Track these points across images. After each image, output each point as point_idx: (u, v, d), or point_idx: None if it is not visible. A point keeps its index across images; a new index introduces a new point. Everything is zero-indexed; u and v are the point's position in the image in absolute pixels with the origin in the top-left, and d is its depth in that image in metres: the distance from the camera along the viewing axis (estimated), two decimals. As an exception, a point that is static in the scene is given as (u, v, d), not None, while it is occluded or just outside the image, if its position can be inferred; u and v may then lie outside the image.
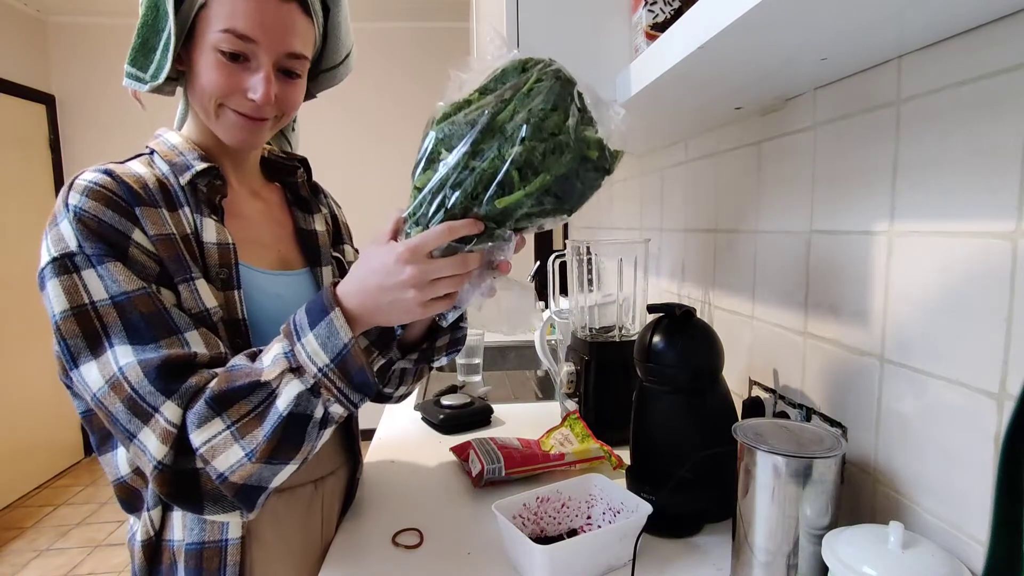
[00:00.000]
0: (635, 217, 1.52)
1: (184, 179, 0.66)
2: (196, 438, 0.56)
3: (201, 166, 0.66)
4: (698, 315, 0.84)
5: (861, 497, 0.67)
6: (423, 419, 1.22)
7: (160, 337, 0.57)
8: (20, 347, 3.08)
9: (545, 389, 1.52)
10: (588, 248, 1.15)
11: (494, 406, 1.26)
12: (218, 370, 0.58)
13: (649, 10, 0.70)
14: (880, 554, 0.49)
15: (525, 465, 0.91)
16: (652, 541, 0.74)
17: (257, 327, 0.68)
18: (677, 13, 0.69)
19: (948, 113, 0.54)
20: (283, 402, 0.56)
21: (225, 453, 0.56)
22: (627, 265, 1.12)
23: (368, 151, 3.29)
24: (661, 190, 1.31)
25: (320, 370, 0.56)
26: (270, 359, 0.57)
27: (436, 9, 3.06)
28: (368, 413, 1.37)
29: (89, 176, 0.60)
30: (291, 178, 0.82)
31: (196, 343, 0.59)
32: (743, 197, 0.93)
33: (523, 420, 1.23)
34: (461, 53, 3.23)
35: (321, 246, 0.81)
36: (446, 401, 1.22)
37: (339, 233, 0.89)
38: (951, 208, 0.54)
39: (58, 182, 3.26)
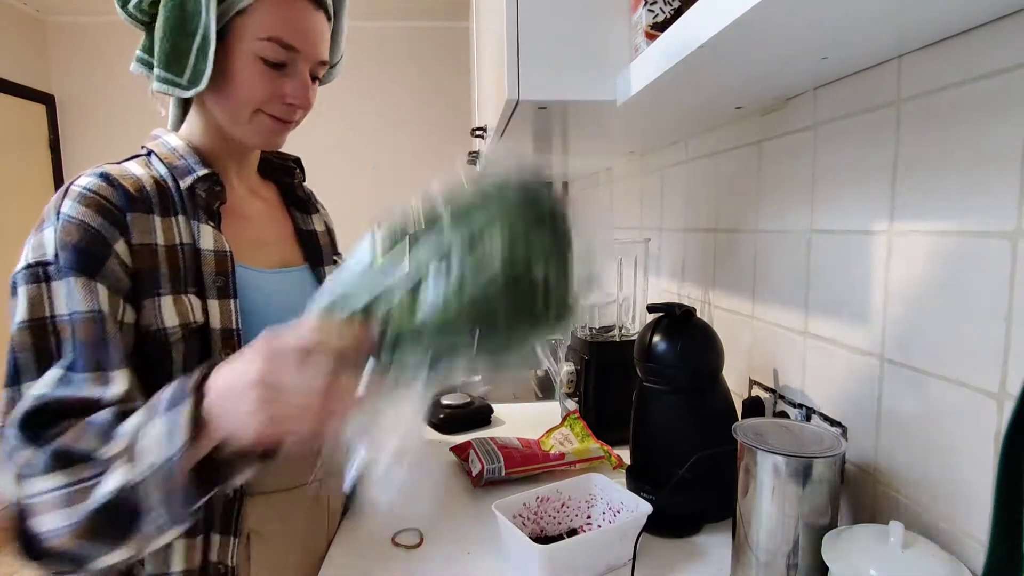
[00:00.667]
0: (635, 217, 1.52)
1: (185, 183, 0.65)
2: (27, 486, 0.50)
3: (202, 171, 0.66)
4: (698, 315, 0.84)
5: (861, 497, 0.67)
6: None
7: (87, 368, 0.54)
8: (20, 347, 3.08)
9: (545, 389, 1.52)
10: (588, 248, 1.15)
11: (494, 406, 1.26)
12: (75, 429, 0.51)
13: (649, 10, 0.70)
14: (880, 554, 0.49)
15: (525, 465, 0.91)
16: (652, 541, 0.74)
17: (255, 329, 0.66)
18: (677, 13, 0.69)
19: (948, 113, 0.54)
20: (105, 489, 0.48)
21: (45, 516, 0.49)
22: (627, 265, 1.12)
23: (367, 152, 3.29)
24: (661, 190, 1.31)
25: (150, 466, 0.48)
26: (124, 429, 0.51)
27: (436, 9, 3.06)
28: (368, 413, 1.37)
29: (84, 181, 0.59)
30: (288, 178, 0.82)
31: (117, 383, 0.55)
32: (743, 197, 0.93)
33: (523, 420, 1.23)
34: (461, 53, 3.23)
35: (322, 246, 0.81)
36: (446, 401, 1.22)
37: (333, 242, 0.88)
38: (951, 208, 0.54)
39: (58, 182, 3.26)
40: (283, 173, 0.82)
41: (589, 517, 0.78)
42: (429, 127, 3.29)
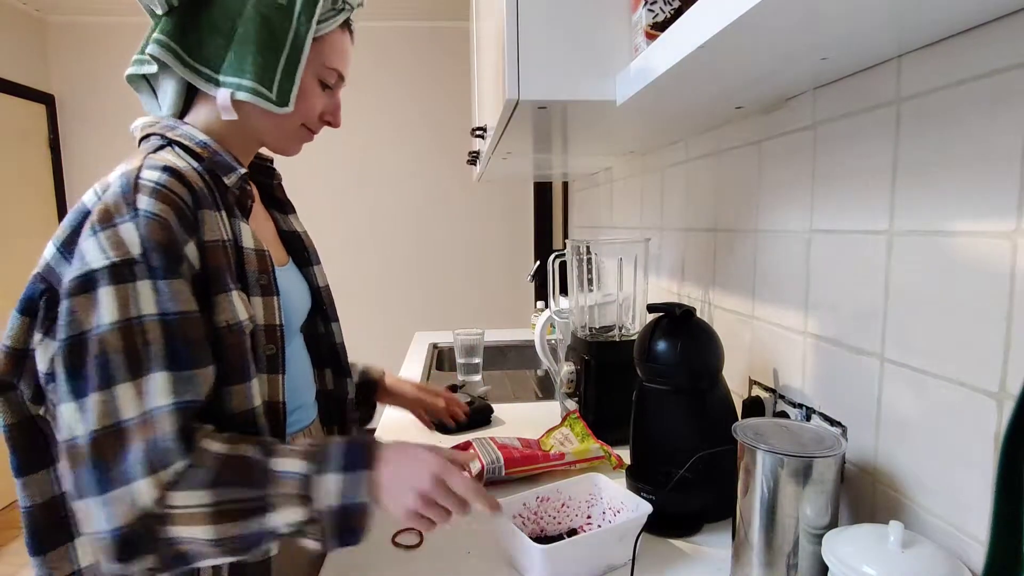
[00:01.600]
0: (635, 216, 1.52)
1: (231, 180, 0.64)
2: (179, 498, 0.53)
3: (242, 170, 0.66)
4: (698, 315, 0.84)
5: (861, 497, 0.67)
6: (423, 419, 1.22)
7: (196, 366, 0.56)
8: (20, 347, 3.08)
9: (545, 389, 1.52)
10: (588, 247, 1.15)
11: (494, 406, 1.26)
12: (229, 450, 0.56)
13: (649, 9, 0.70)
14: (880, 554, 0.49)
15: (525, 465, 0.91)
16: (652, 541, 0.74)
17: (292, 327, 0.71)
18: (677, 13, 0.69)
19: (948, 112, 0.54)
20: (276, 521, 0.55)
21: (191, 526, 0.53)
22: (627, 265, 1.12)
23: (367, 152, 3.29)
24: (661, 189, 1.31)
25: (325, 510, 0.56)
26: (285, 470, 0.56)
27: (436, 9, 3.06)
28: (368, 413, 1.37)
29: (153, 176, 0.57)
30: (268, 179, 0.81)
31: (206, 382, 0.58)
32: (743, 196, 0.93)
33: (523, 420, 1.23)
34: (461, 53, 3.23)
35: (308, 247, 0.82)
36: (446, 401, 1.22)
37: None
38: (951, 208, 0.54)
39: (58, 182, 3.26)
40: (263, 174, 0.81)
41: (589, 517, 0.78)
42: (429, 127, 3.29)
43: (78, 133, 3.24)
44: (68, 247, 0.57)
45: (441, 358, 1.88)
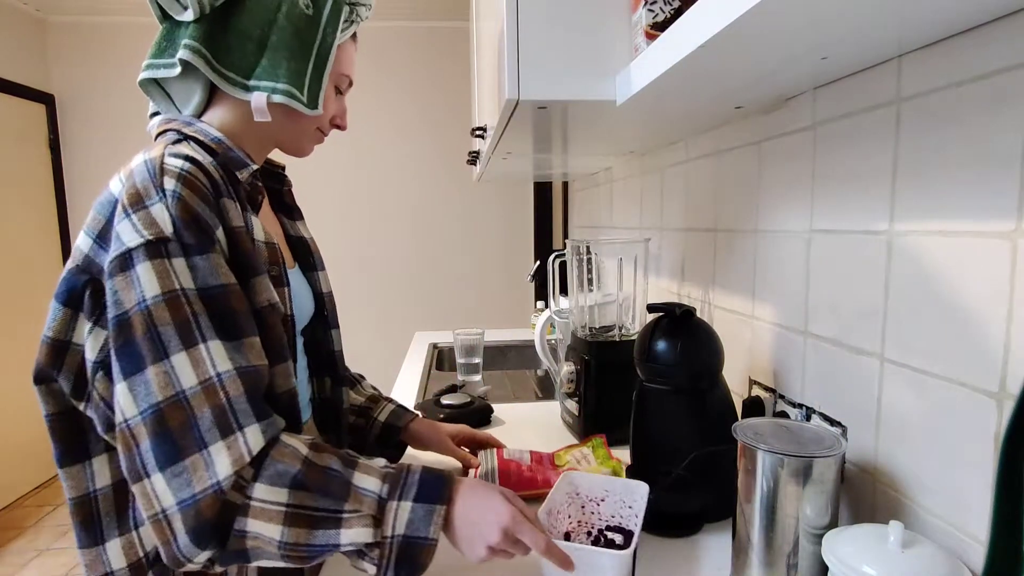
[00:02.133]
0: (635, 216, 1.52)
1: (243, 175, 0.66)
2: (260, 490, 0.54)
3: (255, 166, 0.68)
4: (698, 315, 0.84)
5: (861, 497, 0.67)
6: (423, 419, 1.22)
7: (244, 335, 0.57)
8: (19, 346, 3.08)
9: (545, 389, 1.52)
10: (588, 247, 1.15)
11: (494, 406, 1.26)
12: (313, 455, 0.57)
13: (649, 9, 0.70)
14: (880, 554, 0.49)
15: (521, 489, 0.85)
16: (652, 541, 0.74)
17: (298, 323, 0.72)
18: (677, 13, 0.69)
19: (948, 112, 0.54)
20: (344, 538, 0.55)
21: (265, 522, 0.54)
22: (627, 265, 1.12)
23: (366, 151, 3.29)
24: (661, 189, 1.31)
25: (393, 537, 0.56)
26: (366, 487, 0.57)
27: (436, 9, 3.06)
28: (368, 413, 1.37)
29: (176, 163, 0.58)
30: (277, 185, 0.82)
31: (261, 353, 0.59)
32: (743, 196, 0.93)
33: (523, 420, 1.23)
34: (461, 53, 3.23)
35: (313, 252, 0.82)
36: (446, 400, 1.22)
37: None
38: (951, 208, 0.54)
39: (58, 182, 3.26)
40: (274, 179, 0.82)
41: (572, 517, 0.76)
42: (429, 127, 3.29)
43: (78, 133, 3.24)
44: (104, 236, 0.58)
45: (441, 358, 1.88)
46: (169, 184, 0.56)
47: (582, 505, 0.75)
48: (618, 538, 0.73)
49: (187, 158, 0.59)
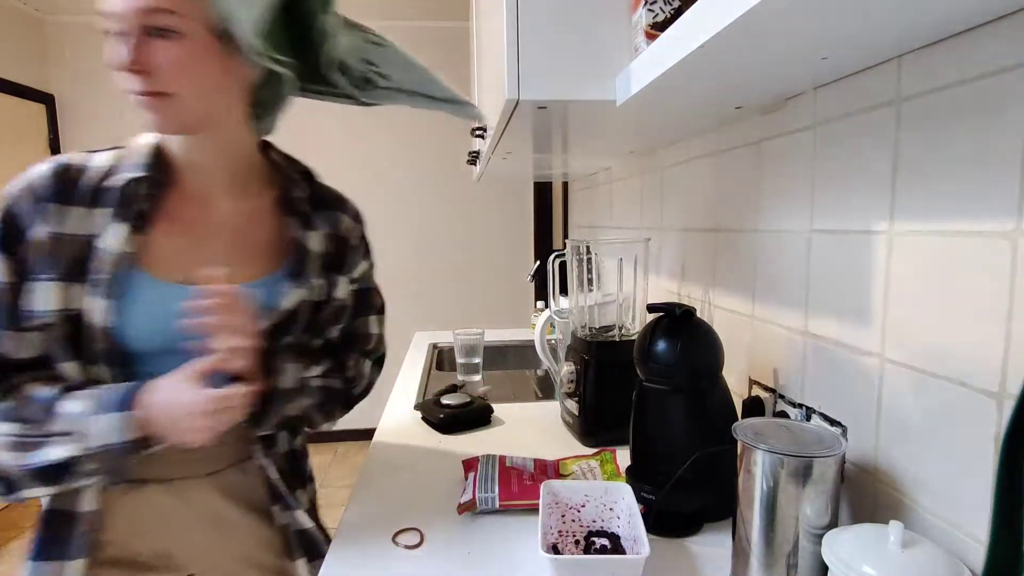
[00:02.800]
0: (635, 216, 1.52)
1: (111, 182, 0.68)
2: None
3: (136, 174, 0.69)
4: (698, 315, 0.84)
5: (861, 497, 0.67)
6: (423, 419, 1.22)
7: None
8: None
9: (545, 389, 1.52)
10: (588, 247, 1.15)
11: (494, 406, 1.26)
12: (26, 390, 0.66)
13: (649, 9, 0.70)
14: (880, 554, 0.49)
15: (522, 499, 0.82)
16: (652, 541, 0.74)
17: (136, 336, 0.68)
18: (677, 13, 0.69)
19: (948, 112, 0.54)
20: (51, 455, 0.63)
21: (5, 453, 0.63)
22: (627, 264, 1.12)
23: (366, 151, 3.29)
24: (661, 189, 1.31)
25: (99, 447, 0.63)
26: (67, 411, 0.64)
27: (436, 9, 3.06)
28: (367, 412, 1.37)
29: (36, 168, 0.67)
30: (292, 191, 0.80)
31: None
32: (743, 196, 0.93)
33: (523, 420, 1.23)
34: (461, 53, 3.23)
35: (308, 261, 0.77)
36: (446, 400, 1.22)
37: (340, 259, 0.83)
38: (951, 207, 0.54)
39: (58, 182, 3.26)
40: (288, 183, 0.80)
41: (558, 528, 0.75)
42: (429, 127, 3.29)
43: (78, 133, 3.24)
44: None
45: (441, 358, 1.88)
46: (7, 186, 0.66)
47: (562, 514, 0.75)
48: (606, 543, 0.72)
49: (55, 164, 0.67)
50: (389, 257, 3.37)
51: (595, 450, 1.01)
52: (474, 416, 1.19)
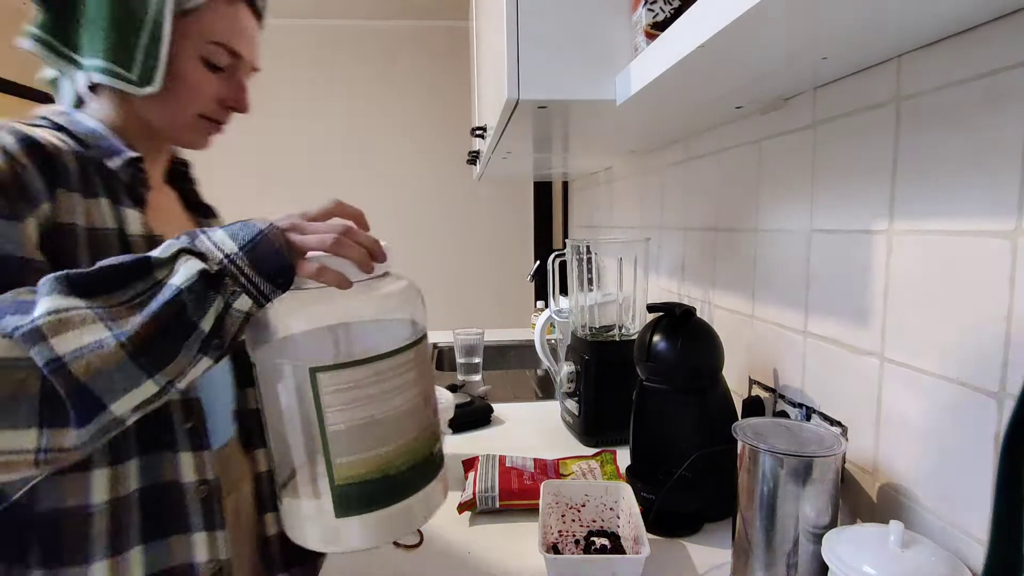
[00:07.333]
0: (635, 216, 1.52)
1: (114, 164, 0.60)
2: (41, 305, 0.42)
3: (131, 154, 0.61)
4: (698, 315, 0.84)
5: (861, 497, 0.67)
6: (423, 419, 1.22)
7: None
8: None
9: (545, 389, 1.52)
10: (588, 247, 1.15)
11: (494, 406, 1.26)
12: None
13: (649, 9, 0.70)
14: (880, 554, 0.49)
15: (522, 499, 0.82)
16: (652, 541, 0.74)
17: None
18: (677, 12, 0.69)
19: (948, 112, 0.54)
20: (179, 279, 0.45)
21: (78, 330, 0.42)
22: (627, 264, 1.12)
23: (366, 151, 3.29)
24: (661, 189, 1.31)
25: (227, 256, 0.48)
26: (159, 250, 0.48)
27: (436, 9, 3.06)
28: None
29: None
30: (188, 184, 0.76)
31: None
32: (743, 196, 0.93)
33: (523, 420, 1.23)
34: (461, 53, 3.23)
35: None
36: (446, 401, 1.22)
37: None
38: (951, 207, 0.54)
39: (58, 182, 3.26)
40: (183, 179, 0.76)
41: (557, 529, 0.75)
42: (429, 127, 3.29)
43: (78, 133, 3.23)
44: None
45: (441, 358, 1.88)
46: None
47: (562, 514, 0.75)
48: (606, 543, 0.73)
49: (13, 132, 0.55)
50: (389, 256, 3.37)
51: (595, 450, 1.01)
52: (474, 416, 1.19)
